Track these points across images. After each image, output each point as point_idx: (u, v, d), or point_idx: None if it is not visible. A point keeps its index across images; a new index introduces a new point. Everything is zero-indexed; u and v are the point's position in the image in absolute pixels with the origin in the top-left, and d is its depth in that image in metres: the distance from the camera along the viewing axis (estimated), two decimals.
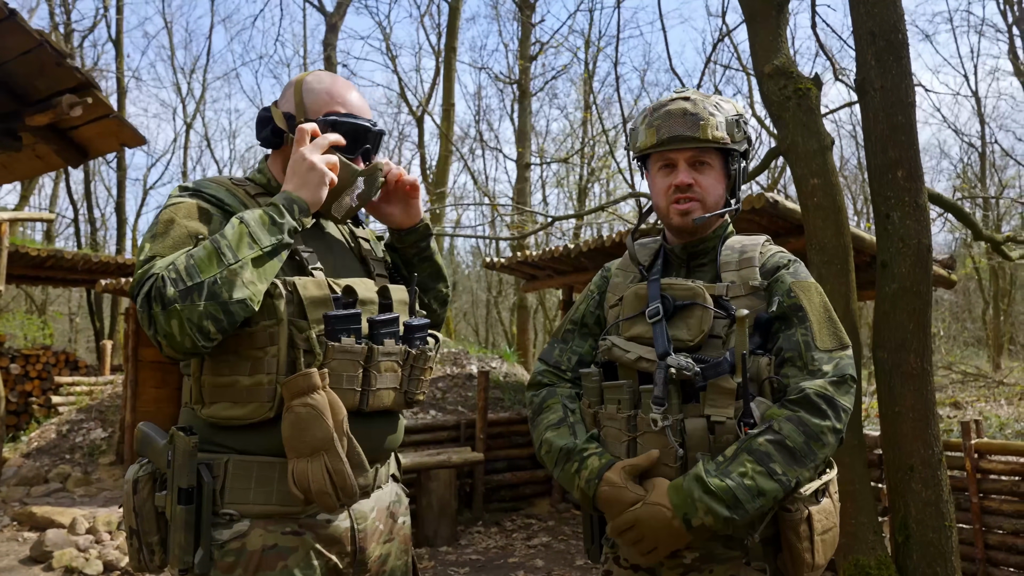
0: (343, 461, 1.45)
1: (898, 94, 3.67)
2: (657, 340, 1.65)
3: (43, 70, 3.73)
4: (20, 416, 10.71)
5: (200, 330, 1.39)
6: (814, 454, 1.50)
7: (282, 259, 1.50)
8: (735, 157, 1.74)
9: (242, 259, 1.42)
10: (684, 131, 1.68)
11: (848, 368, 1.58)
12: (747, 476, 1.46)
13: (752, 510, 1.46)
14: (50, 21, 18.98)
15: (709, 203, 1.72)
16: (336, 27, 16.68)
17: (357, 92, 1.72)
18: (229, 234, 1.44)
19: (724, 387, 1.57)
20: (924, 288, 3.62)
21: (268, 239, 1.46)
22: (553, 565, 5.63)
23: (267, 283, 1.46)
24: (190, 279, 1.39)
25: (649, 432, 1.62)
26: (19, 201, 19.52)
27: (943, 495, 3.55)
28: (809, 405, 1.52)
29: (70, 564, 5.28)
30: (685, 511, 1.47)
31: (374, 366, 1.57)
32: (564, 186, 22.46)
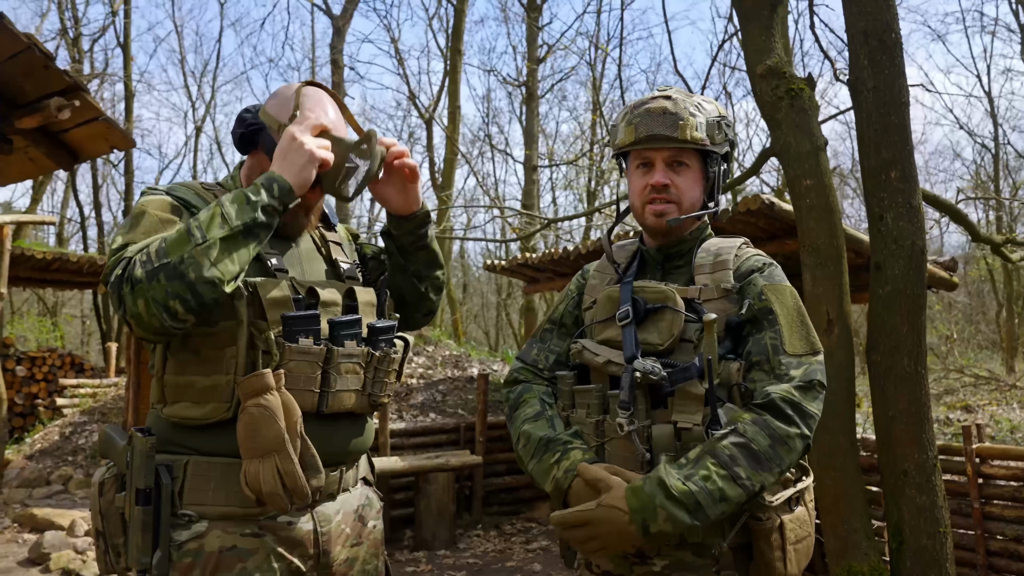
0: (294, 462, 1.44)
1: (891, 94, 3.62)
2: (625, 343, 1.62)
3: (31, 73, 3.74)
4: (26, 418, 10.77)
5: (166, 309, 1.37)
6: (780, 459, 1.46)
7: (261, 239, 1.47)
8: (714, 159, 1.70)
9: (211, 239, 1.39)
10: (662, 130, 1.65)
11: (816, 374, 1.54)
12: (710, 480, 1.42)
13: (714, 515, 1.42)
14: (60, 26, 19.13)
15: (685, 205, 1.69)
16: (343, 31, 16.70)
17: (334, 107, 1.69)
18: (202, 216, 1.42)
19: (692, 393, 1.53)
20: (918, 290, 3.58)
21: (239, 218, 1.42)
22: (551, 569, 5.60)
23: (240, 264, 1.43)
24: (158, 260, 1.38)
25: (616, 437, 1.59)
26: (30, 204, 19.68)
27: (938, 500, 3.49)
28: (775, 410, 1.48)
29: (67, 566, 5.30)
30: (644, 516, 1.43)
31: (333, 368, 1.55)
32: (574, 188, 22.42)
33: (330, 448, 1.59)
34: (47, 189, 20.83)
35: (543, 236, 18.37)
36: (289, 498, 1.45)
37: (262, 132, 1.66)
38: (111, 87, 21.33)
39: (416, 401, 7.76)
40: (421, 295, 1.86)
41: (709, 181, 1.72)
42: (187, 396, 1.51)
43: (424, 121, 19.12)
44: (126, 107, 18.62)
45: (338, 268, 1.74)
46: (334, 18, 16.81)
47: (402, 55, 25.79)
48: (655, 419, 1.57)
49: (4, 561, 5.56)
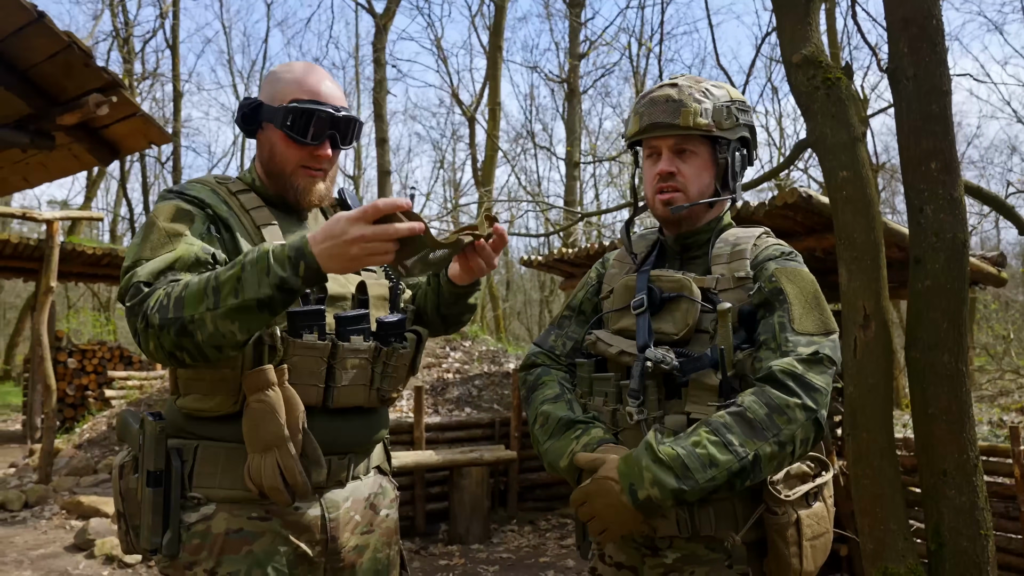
0: (293, 458, 1.45)
1: (932, 82, 3.51)
2: (639, 332, 1.60)
3: (71, 71, 3.85)
4: (77, 409, 11.11)
5: (173, 357, 1.39)
6: (777, 428, 1.40)
7: (277, 311, 1.38)
8: (723, 145, 1.65)
9: (223, 306, 1.34)
10: (664, 118, 1.62)
11: (825, 349, 1.47)
12: (700, 445, 1.39)
13: (703, 481, 1.37)
14: (112, 29, 19.64)
15: (692, 193, 1.65)
16: (385, 28, 16.84)
17: (331, 81, 1.69)
18: (224, 274, 1.36)
19: (706, 383, 1.51)
20: (959, 285, 3.46)
21: (254, 292, 1.34)
22: (585, 566, 5.57)
23: (250, 331, 1.37)
24: (174, 311, 1.35)
25: (628, 427, 1.58)
26: (84, 202, 20.27)
27: (979, 502, 3.38)
28: (774, 381, 1.43)
29: (111, 552, 5.44)
30: (631, 480, 1.40)
31: (339, 363, 1.55)
32: (617, 185, 22.30)
33: (338, 439, 1.59)
34: (100, 187, 21.44)
35: (585, 232, 18.30)
36: (289, 493, 1.46)
37: (262, 107, 1.64)
38: (161, 87, 21.85)
39: (452, 395, 7.78)
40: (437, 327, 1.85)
41: (719, 168, 1.67)
42: (197, 388, 1.53)
43: (467, 118, 19.19)
44: (175, 107, 19.06)
45: None
46: (377, 16, 16.95)
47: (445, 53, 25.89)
48: (668, 410, 1.55)
49: (51, 546, 5.73)
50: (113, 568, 5.26)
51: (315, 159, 1.65)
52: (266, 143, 1.66)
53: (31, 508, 6.84)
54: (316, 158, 1.65)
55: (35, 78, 4.10)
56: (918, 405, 3.54)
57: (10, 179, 5.19)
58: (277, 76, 1.67)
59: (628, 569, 1.64)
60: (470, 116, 18.80)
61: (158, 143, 4.52)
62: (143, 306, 1.38)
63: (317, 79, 1.66)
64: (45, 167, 4.86)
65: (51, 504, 6.91)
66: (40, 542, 5.86)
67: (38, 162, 4.83)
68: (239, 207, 1.63)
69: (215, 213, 1.58)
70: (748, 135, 1.70)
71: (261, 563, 1.50)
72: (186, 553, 1.49)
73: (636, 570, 1.63)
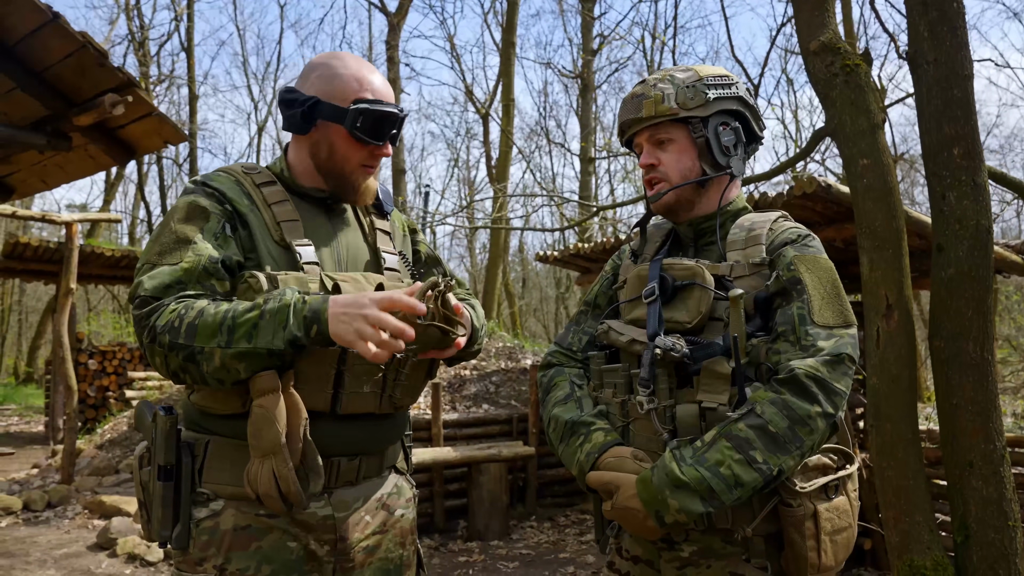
0: (288, 468, 1.41)
1: (953, 66, 3.44)
2: (649, 320, 1.58)
3: (86, 71, 3.87)
4: (98, 410, 11.21)
5: (175, 376, 1.44)
6: (799, 440, 1.38)
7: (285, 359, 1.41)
8: (696, 125, 1.63)
9: (234, 348, 1.37)
10: (630, 115, 1.66)
11: (847, 347, 1.45)
12: (724, 465, 1.37)
13: (729, 501, 1.37)
14: (128, 33, 19.79)
15: (673, 178, 1.65)
16: (398, 27, 16.86)
17: (380, 76, 1.68)
18: (241, 317, 1.38)
19: (718, 371, 1.48)
20: (984, 273, 3.40)
21: (267, 341, 1.37)
22: (604, 562, 5.54)
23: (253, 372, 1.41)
24: (185, 338, 1.38)
25: (639, 417, 1.56)
26: (102, 205, 20.46)
27: (1006, 493, 3.32)
28: (797, 386, 1.40)
29: (133, 551, 5.47)
30: (657, 508, 1.39)
31: (348, 369, 1.52)
32: (631, 180, 22.23)
33: (348, 442, 1.57)
34: (118, 190, 21.62)
35: (601, 229, 18.24)
36: (284, 502, 1.44)
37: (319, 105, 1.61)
38: (177, 90, 21.99)
39: (469, 392, 7.78)
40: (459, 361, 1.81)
41: (701, 147, 1.64)
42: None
43: (480, 116, 19.19)
44: (191, 109, 19.18)
45: (379, 256, 1.71)
46: (389, 15, 16.97)
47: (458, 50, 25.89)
48: (679, 399, 1.52)
49: (74, 545, 5.78)
50: (136, 566, 5.29)
51: (375, 158, 1.65)
52: (324, 141, 1.63)
53: (54, 508, 6.90)
54: (376, 157, 1.65)
55: (51, 79, 4.13)
56: (943, 395, 3.48)
57: (28, 181, 5.24)
58: (333, 71, 1.62)
59: (645, 563, 1.63)
60: (484, 113, 18.79)
61: (174, 142, 4.53)
62: (150, 320, 1.41)
63: (375, 77, 1.65)
64: (62, 168, 4.89)
65: (73, 504, 6.97)
66: (63, 541, 5.91)
67: (55, 164, 4.86)
68: (262, 201, 1.60)
69: (234, 208, 1.56)
70: (737, 107, 1.66)
71: (270, 559, 1.49)
72: (196, 548, 1.49)
73: (652, 563, 1.61)
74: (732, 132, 1.66)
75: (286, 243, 1.56)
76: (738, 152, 1.67)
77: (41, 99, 4.14)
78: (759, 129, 1.72)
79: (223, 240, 1.52)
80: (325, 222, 1.67)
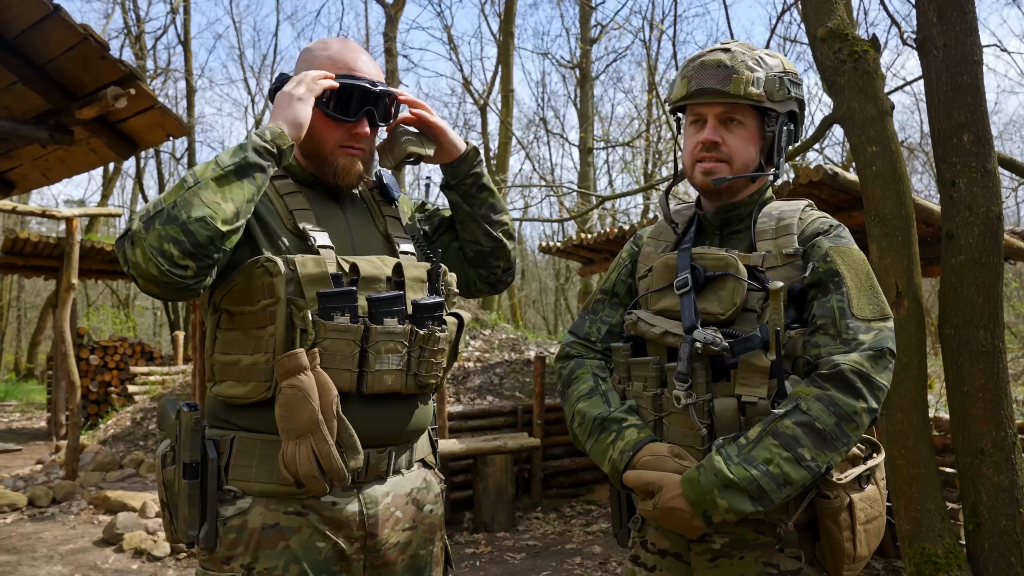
0: (329, 444, 1.40)
1: (963, 52, 3.42)
2: (684, 313, 1.54)
3: (88, 64, 3.83)
4: (100, 405, 11.20)
5: (162, 253, 1.34)
6: (847, 437, 1.37)
7: (257, 182, 1.45)
8: (773, 118, 1.58)
9: (203, 180, 1.39)
10: (714, 84, 1.55)
11: (887, 341, 1.43)
12: (772, 463, 1.35)
13: (779, 500, 1.35)
14: (124, 26, 19.68)
15: (736, 165, 1.58)
16: (395, 18, 16.77)
17: (367, 56, 1.66)
18: (198, 167, 1.44)
19: (756, 365, 1.45)
20: (994, 259, 3.39)
21: (229, 159, 1.43)
22: (611, 552, 5.54)
23: (236, 203, 1.41)
24: (154, 209, 1.38)
25: (674, 412, 1.52)
26: (100, 200, 20.41)
27: (1018, 480, 3.31)
28: (842, 382, 1.38)
29: (139, 546, 5.46)
30: (704, 508, 1.37)
31: (372, 346, 1.50)
32: (630, 170, 22.17)
33: (376, 429, 1.55)
34: (116, 185, 21.56)
35: (600, 219, 18.20)
36: (327, 480, 1.42)
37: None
38: (174, 83, 21.90)
39: (473, 384, 7.77)
40: (496, 241, 1.81)
41: (766, 141, 1.61)
42: (232, 375, 1.51)
43: (479, 107, 19.13)
44: (188, 102, 19.10)
45: (392, 242, 1.69)
46: (387, 6, 16.88)
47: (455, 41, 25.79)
48: (716, 392, 1.50)
49: (80, 541, 5.77)
50: (142, 562, 5.28)
51: (353, 137, 1.62)
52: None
53: (59, 504, 6.90)
54: (354, 136, 1.62)
55: (52, 72, 4.10)
56: (953, 383, 3.47)
57: (30, 176, 5.20)
58: (312, 54, 1.64)
59: (673, 556, 1.60)
60: (482, 104, 18.72)
61: (176, 135, 4.50)
62: (128, 231, 1.39)
63: (353, 55, 1.64)
64: (64, 163, 4.86)
65: (78, 499, 6.96)
66: (69, 537, 5.90)
67: (57, 158, 4.83)
68: (274, 193, 1.60)
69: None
70: (797, 109, 1.63)
71: (298, 559, 1.47)
72: (223, 547, 1.46)
73: (681, 556, 1.58)
74: (789, 133, 1.63)
75: (299, 231, 1.55)
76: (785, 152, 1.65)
77: (43, 93, 4.10)
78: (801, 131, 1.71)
79: None
80: (337, 211, 1.66)
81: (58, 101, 4.17)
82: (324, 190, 1.68)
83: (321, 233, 1.57)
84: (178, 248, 1.35)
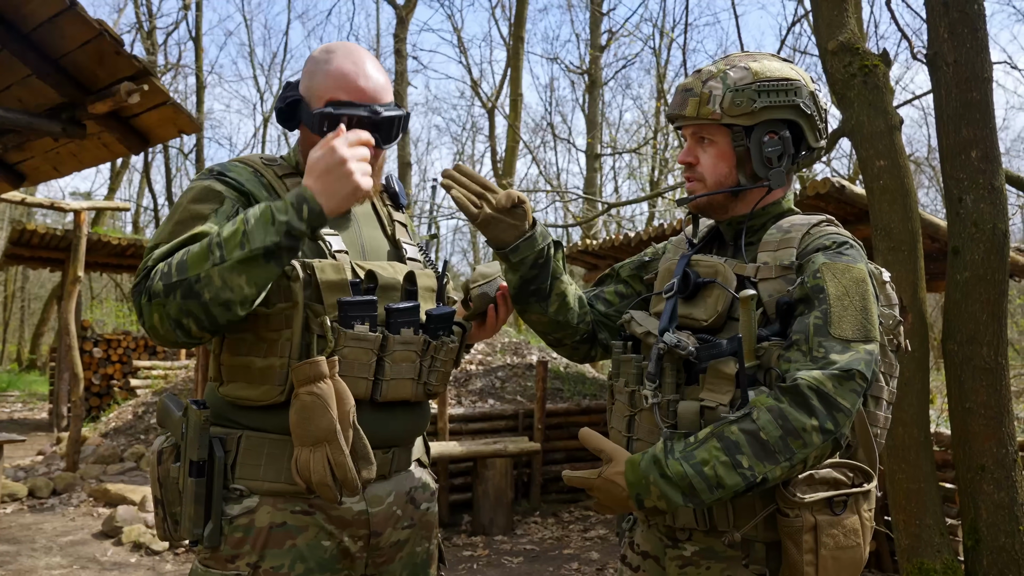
0: (345, 454, 1.40)
1: (973, 69, 3.44)
2: (663, 316, 1.59)
3: (103, 59, 3.86)
4: (103, 398, 11.23)
5: (180, 326, 1.36)
6: (790, 452, 1.33)
7: (284, 262, 1.39)
8: (738, 132, 1.56)
9: (229, 260, 1.33)
10: (676, 110, 1.60)
11: (860, 364, 1.36)
12: (708, 465, 1.34)
13: (709, 501, 1.35)
14: (136, 21, 19.76)
15: (709, 183, 1.60)
16: (406, 20, 16.80)
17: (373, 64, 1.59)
18: (226, 231, 1.36)
19: (723, 371, 1.46)
20: (1000, 276, 3.40)
21: (261, 240, 1.34)
22: (608, 558, 5.54)
23: (259, 286, 1.37)
24: (178, 275, 1.34)
25: (644, 409, 1.57)
26: (108, 193, 20.45)
27: (1017, 497, 3.32)
28: (797, 397, 1.34)
29: (138, 539, 5.48)
30: (638, 491, 1.39)
31: (389, 355, 1.51)
32: (636, 177, 22.17)
33: (384, 433, 1.56)
34: (124, 179, 21.64)
35: (605, 226, 18.20)
36: (339, 489, 1.43)
37: (300, 104, 1.59)
38: (184, 79, 21.98)
39: (475, 387, 7.78)
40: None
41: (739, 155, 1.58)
42: (243, 376, 1.50)
43: (487, 110, 19.14)
44: (198, 99, 19.16)
45: (401, 249, 1.70)
46: (397, 8, 16.92)
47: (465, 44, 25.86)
48: (685, 395, 1.53)
49: (80, 533, 5.79)
50: (141, 555, 5.30)
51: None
52: (306, 140, 1.61)
53: (59, 495, 6.92)
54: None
55: (67, 66, 4.12)
56: (955, 399, 3.48)
57: (41, 168, 5.23)
58: (316, 66, 1.58)
59: (652, 558, 1.64)
60: (490, 108, 18.75)
61: (187, 132, 4.53)
62: (146, 283, 1.37)
63: (356, 72, 1.56)
64: (76, 156, 4.89)
65: (78, 491, 6.98)
66: (68, 529, 5.92)
67: (69, 151, 4.85)
68: (285, 192, 1.58)
69: (253, 199, 1.53)
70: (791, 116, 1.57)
71: (304, 558, 1.48)
72: (228, 546, 1.46)
73: (659, 560, 1.62)
74: (779, 142, 1.57)
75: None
76: (782, 163, 1.59)
77: (57, 86, 4.12)
78: (816, 139, 1.64)
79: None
80: (346, 214, 1.65)
81: (72, 95, 4.19)
82: None
83: (335, 237, 1.56)
84: (196, 325, 1.36)
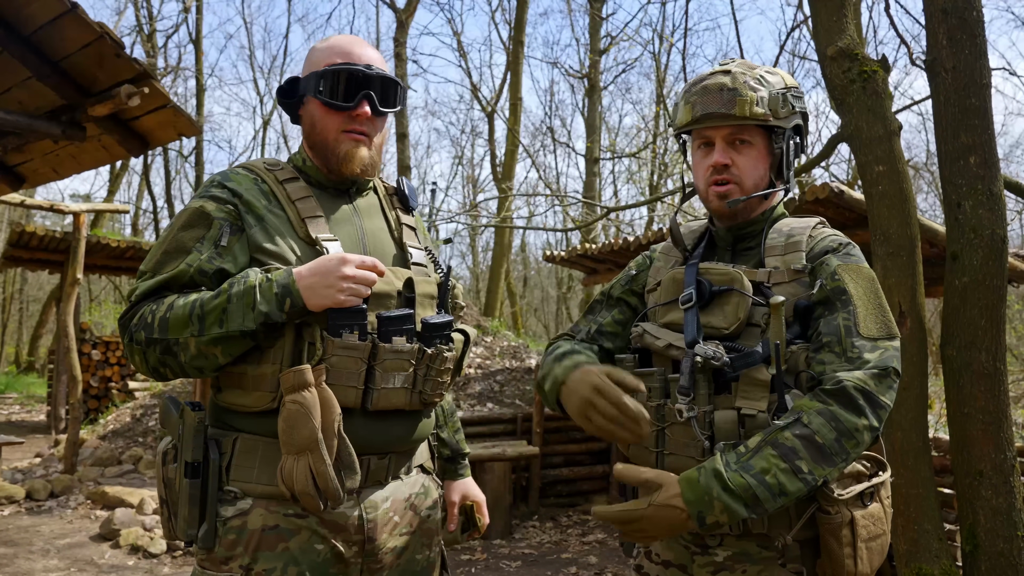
0: (326, 463, 1.41)
1: (971, 75, 3.44)
2: (687, 327, 1.56)
3: (103, 62, 3.87)
4: (101, 400, 11.21)
5: (156, 372, 1.50)
6: (846, 453, 1.38)
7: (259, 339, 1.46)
8: (779, 135, 1.60)
9: (207, 335, 1.42)
10: (719, 108, 1.56)
11: (892, 360, 1.44)
12: (769, 473, 1.35)
13: (772, 509, 1.36)
14: (136, 24, 19.78)
15: (747, 185, 1.60)
16: (406, 24, 16.82)
17: (371, 49, 1.66)
18: (209, 304, 1.42)
19: (757, 378, 1.46)
20: (998, 282, 3.40)
21: (238, 324, 1.41)
22: (607, 563, 5.54)
23: (233, 354, 1.46)
24: (158, 332, 1.44)
25: (676, 423, 1.54)
26: (107, 195, 20.45)
27: (1016, 503, 3.32)
28: (845, 398, 1.38)
29: (136, 542, 5.47)
30: (700, 509, 1.37)
31: (379, 364, 1.51)
32: (636, 182, 22.19)
33: (379, 439, 1.56)
34: (123, 181, 21.64)
35: (604, 229, 18.22)
36: (322, 499, 1.43)
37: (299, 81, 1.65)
38: (184, 82, 22.00)
39: (474, 391, 7.77)
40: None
41: (775, 158, 1.62)
42: (237, 383, 1.51)
43: (486, 114, 19.18)
44: (198, 101, 19.17)
45: (405, 251, 1.69)
46: (398, 11, 16.94)
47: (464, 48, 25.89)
48: (717, 405, 1.51)
49: (77, 536, 5.78)
50: (138, 558, 5.29)
51: (354, 120, 1.60)
52: (308, 117, 1.65)
53: (57, 498, 6.91)
54: (355, 119, 1.60)
55: (67, 69, 4.13)
56: (954, 404, 3.48)
57: (40, 170, 5.23)
58: (314, 48, 1.66)
59: (676, 567, 1.60)
60: (490, 111, 18.77)
61: (187, 135, 4.53)
62: (129, 324, 1.48)
63: (350, 43, 1.64)
64: (75, 158, 4.89)
65: (76, 494, 6.97)
66: (66, 531, 5.91)
67: (68, 154, 4.86)
68: (286, 198, 1.59)
69: (247, 208, 1.54)
70: (801, 122, 1.65)
71: (297, 561, 1.48)
72: (222, 548, 1.47)
73: (685, 568, 1.59)
74: (795, 146, 1.64)
75: (311, 239, 1.55)
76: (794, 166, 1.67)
77: (57, 89, 4.14)
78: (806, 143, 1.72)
79: (222, 249, 1.51)
80: (351, 215, 1.65)
81: (72, 97, 4.20)
82: (338, 193, 1.67)
83: (333, 243, 1.56)
84: (172, 372, 1.50)
